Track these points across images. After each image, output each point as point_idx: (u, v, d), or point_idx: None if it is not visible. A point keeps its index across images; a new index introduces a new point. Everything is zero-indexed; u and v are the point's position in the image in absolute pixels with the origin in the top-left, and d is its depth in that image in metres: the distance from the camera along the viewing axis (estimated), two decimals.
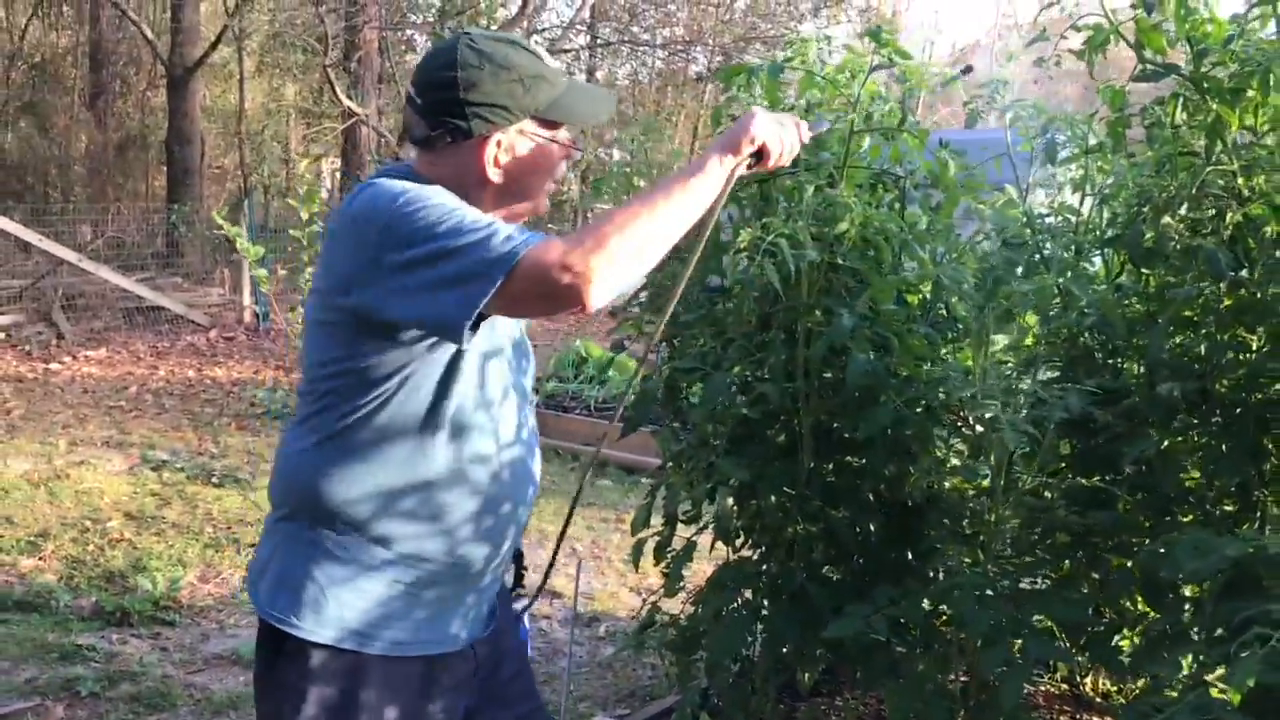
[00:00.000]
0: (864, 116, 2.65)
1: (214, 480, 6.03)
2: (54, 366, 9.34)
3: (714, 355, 2.61)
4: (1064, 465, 2.62)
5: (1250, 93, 2.11)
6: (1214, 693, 1.78)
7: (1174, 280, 2.22)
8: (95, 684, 3.52)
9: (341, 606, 1.72)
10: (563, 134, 1.81)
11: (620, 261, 1.54)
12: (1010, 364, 2.63)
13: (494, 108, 1.71)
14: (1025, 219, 2.74)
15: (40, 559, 4.69)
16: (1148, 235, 2.25)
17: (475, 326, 1.57)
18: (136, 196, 17.76)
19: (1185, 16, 2.04)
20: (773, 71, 2.42)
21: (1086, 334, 2.55)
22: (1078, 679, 3.21)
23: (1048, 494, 2.48)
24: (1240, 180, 2.14)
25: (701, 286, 2.78)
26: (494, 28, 14.64)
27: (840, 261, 2.40)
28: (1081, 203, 2.77)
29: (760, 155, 1.75)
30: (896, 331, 2.40)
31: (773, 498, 2.57)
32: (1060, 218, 2.82)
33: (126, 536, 5.02)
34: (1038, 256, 2.65)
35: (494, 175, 1.75)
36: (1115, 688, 3.19)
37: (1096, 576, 2.51)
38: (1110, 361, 2.54)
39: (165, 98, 15.57)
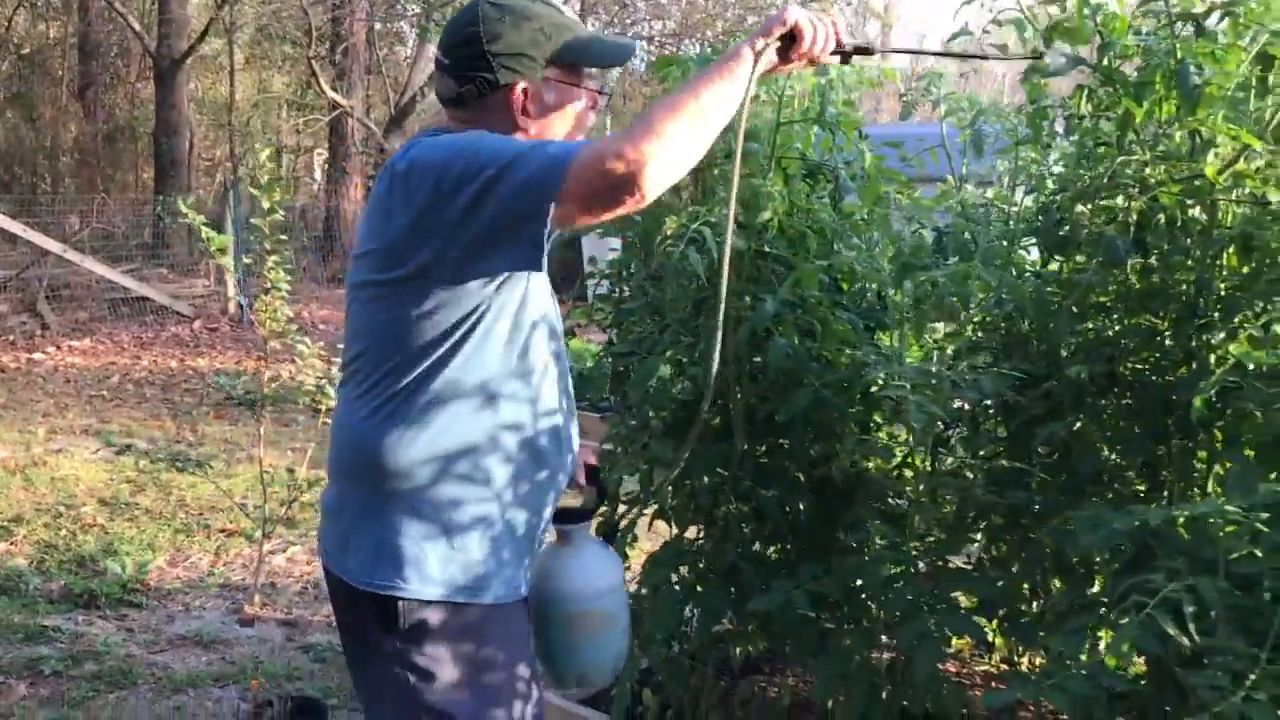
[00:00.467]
0: (804, 110, 2.73)
1: (189, 468, 6.08)
2: (37, 356, 9.41)
3: (650, 340, 2.68)
4: (1001, 448, 2.69)
5: (1157, 85, 2.18)
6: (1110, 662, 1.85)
7: (1088, 267, 2.29)
8: (59, 663, 3.60)
9: (443, 560, 1.76)
10: (590, 82, 1.88)
11: (671, 146, 1.58)
12: (950, 349, 2.71)
13: (518, 56, 1.78)
14: (960, 208, 2.82)
15: (12, 543, 4.76)
16: (1063, 223, 2.32)
17: (544, 250, 1.63)
18: (125, 187, 17.82)
19: (1089, 13, 2.10)
20: (701, 63, 2.49)
21: (1022, 320, 2.62)
22: (1015, 658, 3.29)
23: (970, 474, 2.56)
24: (1148, 170, 2.21)
25: (646, 274, 2.85)
26: None
27: (767, 249, 2.47)
28: (1013, 192, 2.84)
29: (794, 39, 1.77)
30: (821, 317, 2.47)
31: (705, 478, 2.65)
32: (994, 207, 2.89)
33: (99, 522, 5.10)
34: (972, 245, 2.73)
35: (524, 123, 1.80)
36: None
37: (1025, 555, 2.58)
38: (1042, 347, 2.62)
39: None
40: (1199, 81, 1.84)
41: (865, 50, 1.90)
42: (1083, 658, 1.94)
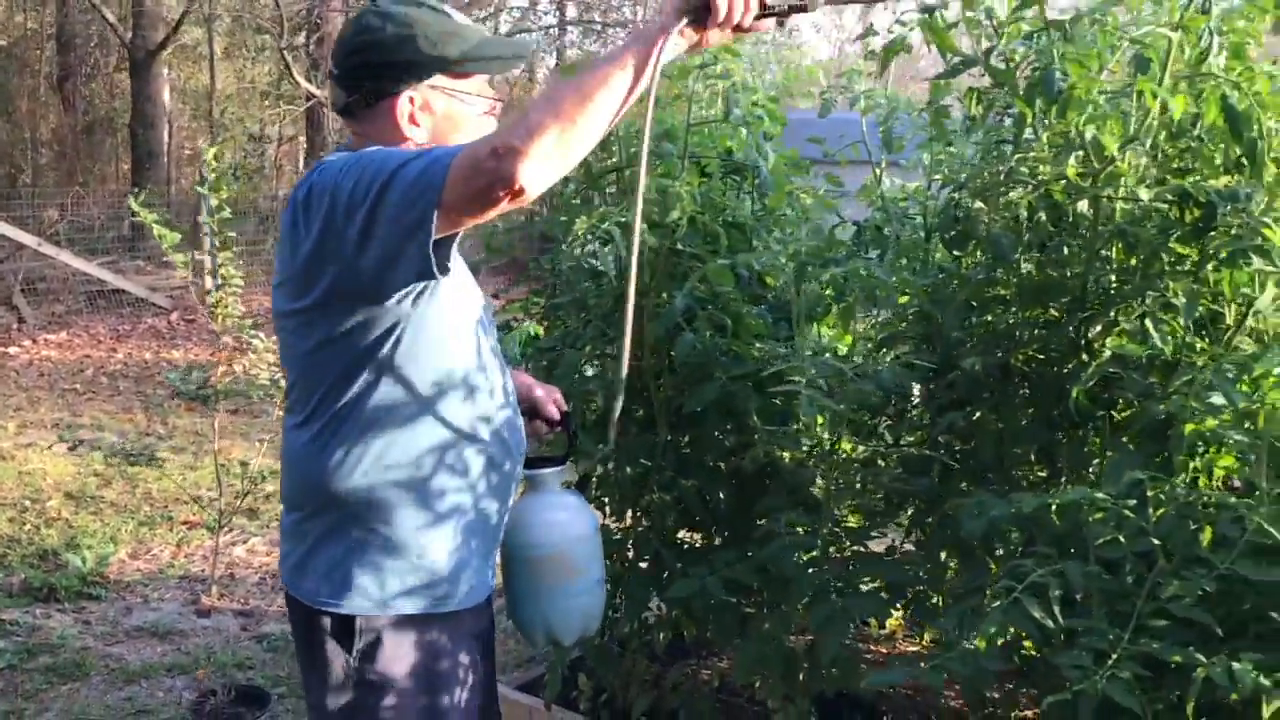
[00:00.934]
0: (725, 111, 2.81)
1: (157, 460, 6.16)
2: (12, 350, 9.44)
3: (573, 335, 2.75)
4: (926, 436, 2.77)
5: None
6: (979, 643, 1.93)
7: (986, 262, 2.37)
8: (14, 656, 3.67)
9: (399, 575, 1.79)
10: (485, 89, 1.86)
11: (547, 138, 1.51)
12: (875, 339, 2.79)
13: (401, 64, 1.77)
14: (881, 202, 2.90)
15: None
16: (961, 219, 2.39)
17: (446, 254, 1.61)
18: (105, 179, 17.78)
19: (981, 16, 2.17)
20: None
21: (937, 313, 2.70)
22: (943, 639, 3.37)
23: (882, 462, 2.64)
24: (1041, 167, 2.28)
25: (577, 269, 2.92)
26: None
27: (680, 246, 2.54)
28: (929, 187, 2.91)
29: (708, 9, 1.61)
30: (734, 312, 2.54)
31: (628, 469, 2.72)
32: (916, 200, 2.97)
33: (64, 515, 5.16)
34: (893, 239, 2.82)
35: (413, 133, 1.80)
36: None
37: (931, 540, 2.66)
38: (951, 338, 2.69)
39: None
40: (1063, 86, 1.91)
41: (799, 7, 1.68)
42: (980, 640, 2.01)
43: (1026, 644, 2.24)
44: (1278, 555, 1.68)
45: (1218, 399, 1.90)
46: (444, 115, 1.83)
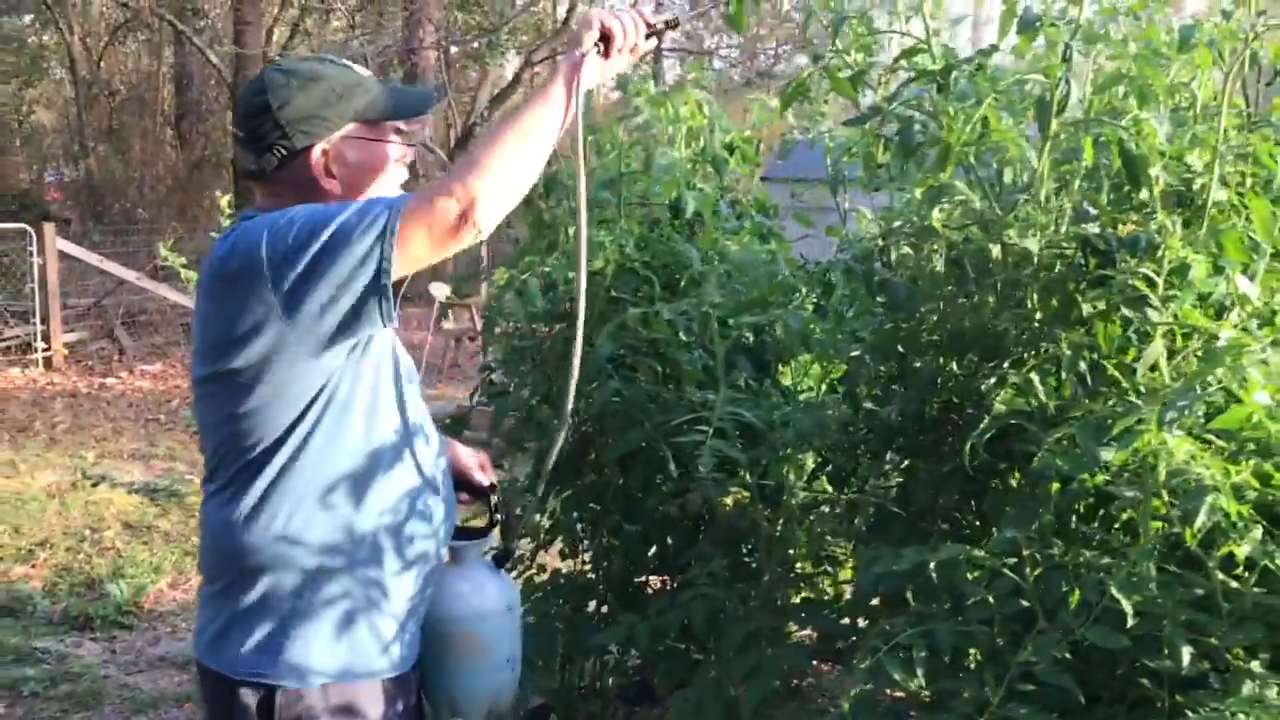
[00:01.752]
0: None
1: (159, 498, 6.28)
2: (109, 381, 9.89)
3: (523, 377, 2.79)
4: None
5: None
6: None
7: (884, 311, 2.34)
8: (39, 684, 3.84)
9: (320, 648, 1.76)
10: (396, 136, 1.85)
11: (497, 177, 1.63)
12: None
13: (310, 119, 1.76)
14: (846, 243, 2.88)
15: (32, 566, 5.06)
16: (887, 266, 2.37)
17: (392, 304, 1.64)
18: (215, 213, 18.53)
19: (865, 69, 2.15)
20: None
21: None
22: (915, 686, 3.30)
23: (824, 508, 2.61)
24: (955, 213, 2.24)
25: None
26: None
27: (615, 293, 2.56)
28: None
29: (607, 39, 1.78)
30: (672, 358, 2.55)
31: (574, 513, 2.74)
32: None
33: (116, 545, 5.38)
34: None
35: (330, 185, 1.78)
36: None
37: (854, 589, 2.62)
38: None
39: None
40: (921, 139, 1.89)
41: (672, 23, 1.92)
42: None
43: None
44: (1126, 621, 1.62)
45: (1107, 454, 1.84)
46: (357, 165, 1.81)
